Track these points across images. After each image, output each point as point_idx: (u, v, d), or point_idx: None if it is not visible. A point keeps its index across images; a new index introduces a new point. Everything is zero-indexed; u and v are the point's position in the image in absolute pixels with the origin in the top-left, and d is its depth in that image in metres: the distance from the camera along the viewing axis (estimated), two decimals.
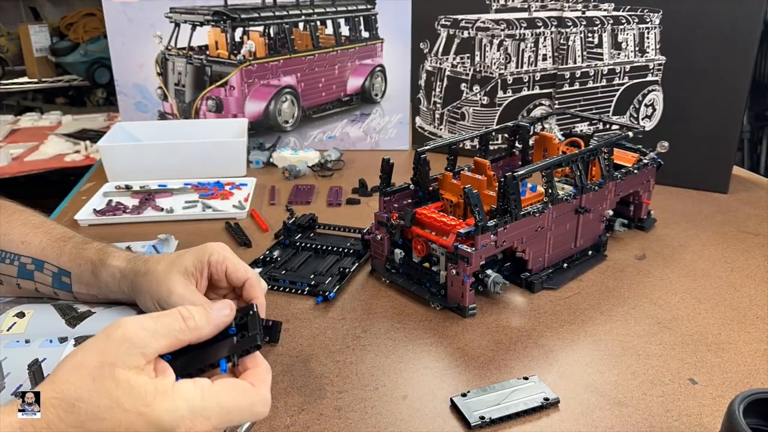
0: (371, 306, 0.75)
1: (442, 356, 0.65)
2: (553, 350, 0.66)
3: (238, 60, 1.30)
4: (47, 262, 0.68)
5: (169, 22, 1.30)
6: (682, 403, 0.58)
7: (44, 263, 0.68)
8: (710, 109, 1.09)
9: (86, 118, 2.46)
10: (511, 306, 0.75)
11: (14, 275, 0.68)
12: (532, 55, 1.22)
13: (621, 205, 0.92)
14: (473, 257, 0.69)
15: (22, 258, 0.68)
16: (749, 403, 0.46)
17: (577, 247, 0.84)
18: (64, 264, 0.67)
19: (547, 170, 0.77)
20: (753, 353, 0.65)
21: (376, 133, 1.41)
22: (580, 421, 0.55)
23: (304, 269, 0.83)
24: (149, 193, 1.09)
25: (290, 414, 0.56)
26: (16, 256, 0.68)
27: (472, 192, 0.69)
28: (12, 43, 2.74)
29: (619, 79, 1.19)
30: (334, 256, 0.86)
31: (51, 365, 0.56)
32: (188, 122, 1.34)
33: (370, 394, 0.59)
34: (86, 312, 0.65)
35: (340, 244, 0.88)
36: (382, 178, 0.81)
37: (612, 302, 0.75)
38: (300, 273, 0.82)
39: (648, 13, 1.13)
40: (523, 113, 1.25)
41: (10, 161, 1.98)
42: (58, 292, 0.68)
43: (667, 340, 0.67)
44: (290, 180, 1.21)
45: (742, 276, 0.82)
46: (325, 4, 1.35)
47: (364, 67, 1.38)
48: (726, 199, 1.09)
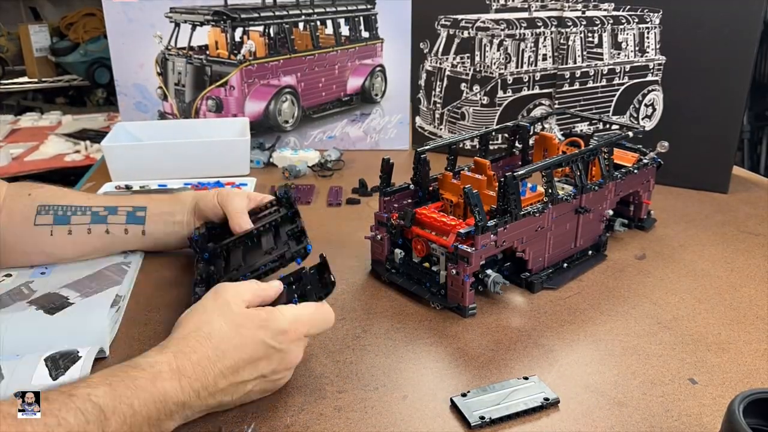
0: (371, 306, 0.75)
1: (442, 356, 0.65)
2: (553, 350, 0.66)
3: (238, 60, 1.30)
4: (121, 206, 0.79)
5: (169, 22, 1.30)
6: (682, 403, 0.58)
7: (117, 207, 0.78)
8: (710, 109, 1.09)
9: (86, 118, 2.46)
10: (511, 306, 0.75)
11: (87, 223, 0.77)
12: (532, 55, 1.22)
13: (621, 205, 0.92)
14: (473, 257, 0.69)
15: (94, 208, 0.78)
16: (749, 403, 0.46)
17: (577, 247, 0.84)
18: (139, 203, 0.80)
19: (547, 170, 0.77)
20: (753, 353, 0.65)
21: (376, 133, 1.41)
22: (580, 421, 0.55)
23: (254, 258, 0.73)
24: (149, 194, 1.09)
25: (290, 414, 0.56)
26: (87, 207, 0.78)
27: (472, 192, 0.69)
28: (12, 43, 2.74)
29: (619, 79, 1.19)
30: (268, 232, 0.77)
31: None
32: (190, 122, 1.34)
33: (370, 394, 0.59)
34: (65, 302, 0.69)
35: (265, 221, 0.78)
36: (382, 178, 0.81)
37: (612, 302, 0.75)
38: (253, 262, 0.72)
39: (648, 13, 1.13)
40: (523, 113, 1.25)
41: (10, 161, 1.98)
42: (129, 228, 0.79)
43: (667, 340, 0.67)
44: (290, 180, 1.21)
45: (742, 276, 0.82)
46: (325, 4, 1.35)
47: (364, 67, 1.38)
48: (726, 199, 1.09)
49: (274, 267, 0.71)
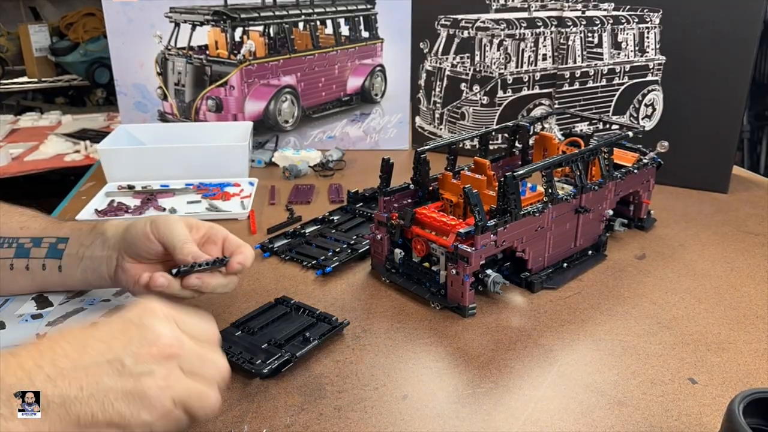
0: (371, 306, 0.75)
1: (442, 356, 0.65)
2: (553, 350, 0.66)
3: (238, 60, 1.30)
4: (46, 237, 0.69)
5: (169, 21, 1.30)
6: (682, 402, 0.58)
7: (43, 238, 0.69)
8: (710, 109, 1.09)
9: (86, 118, 2.46)
10: (511, 306, 0.75)
11: (10, 257, 0.69)
12: (532, 55, 1.22)
13: (621, 205, 0.92)
14: (473, 257, 0.69)
15: (21, 239, 0.70)
16: (749, 403, 0.46)
17: (577, 247, 0.84)
18: (64, 233, 0.70)
19: (547, 170, 0.77)
20: (753, 353, 0.65)
21: (376, 132, 1.41)
22: (580, 421, 0.55)
23: (351, 232, 0.92)
24: (151, 194, 1.09)
25: (290, 414, 0.56)
26: (15, 239, 0.70)
27: (472, 192, 0.69)
28: (12, 43, 2.74)
29: (619, 78, 1.19)
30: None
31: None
32: (191, 125, 1.34)
33: (370, 394, 0.59)
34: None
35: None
36: (382, 178, 0.81)
37: (612, 302, 0.75)
38: (345, 235, 0.91)
39: (648, 12, 1.13)
40: (523, 113, 1.25)
41: (10, 161, 1.98)
42: (47, 262, 0.69)
43: (667, 340, 0.67)
44: (290, 180, 1.21)
45: (742, 276, 0.82)
46: (325, 4, 1.35)
47: (364, 67, 1.38)
48: (726, 199, 1.09)
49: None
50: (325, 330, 0.66)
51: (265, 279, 0.81)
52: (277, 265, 0.85)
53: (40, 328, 0.64)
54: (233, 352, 0.62)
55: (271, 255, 0.88)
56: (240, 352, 0.62)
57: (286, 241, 0.91)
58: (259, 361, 0.61)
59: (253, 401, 0.58)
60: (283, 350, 0.63)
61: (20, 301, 0.70)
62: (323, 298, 0.76)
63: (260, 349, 0.63)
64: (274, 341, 0.64)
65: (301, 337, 0.65)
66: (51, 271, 0.69)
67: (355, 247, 0.87)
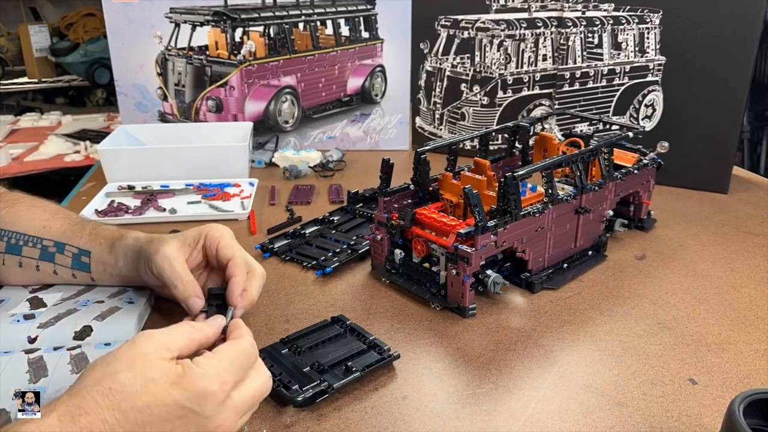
0: (371, 306, 0.75)
1: (442, 356, 0.65)
2: (553, 350, 0.66)
3: (238, 60, 1.30)
4: (68, 244, 0.72)
5: (169, 22, 1.30)
6: (682, 403, 0.58)
7: (65, 245, 0.72)
8: (710, 109, 1.09)
9: (86, 118, 2.46)
10: (511, 306, 0.75)
11: (36, 257, 0.72)
12: (532, 56, 1.22)
13: (621, 205, 0.92)
14: (473, 257, 0.69)
15: (45, 241, 0.72)
16: (749, 403, 0.46)
17: (577, 248, 0.84)
18: (84, 244, 0.72)
19: (547, 170, 0.77)
20: (753, 353, 0.65)
21: (376, 133, 1.41)
22: (580, 421, 0.55)
23: (351, 232, 0.92)
24: (151, 194, 1.09)
25: (290, 414, 0.56)
26: (39, 239, 0.72)
27: (472, 192, 0.69)
28: (12, 43, 2.74)
29: (619, 79, 1.19)
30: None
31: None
32: (191, 125, 1.34)
33: (370, 394, 0.59)
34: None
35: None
36: (382, 178, 0.81)
37: (612, 302, 0.75)
38: (345, 235, 0.91)
39: (648, 13, 1.13)
40: (523, 113, 1.25)
41: (10, 161, 1.98)
42: (76, 273, 0.72)
43: (667, 340, 0.67)
44: (290, 180, 1.21)
45: (742, 276, 0.82)
46: (325, 4, 1.35)
47: (364, 68, 1.38)
48: (726, 199, 1.09)
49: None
50: (372, 361, 0.62)
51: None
52: (277, 265, 0.85)
53: (31, 330, 0.64)
54: (273, 372, 0.59)
55: (271, 255, 0.88)
56: (280, 373, 0.60)
57: (286, 242, 0.91)
58: (295, 386, 0.57)
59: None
60: (322, 377, 0.59)
61: (15, 300, 0.70)
62: (323, 299, 0.76)
63: (301, 372, 0.60)
64: (318, 365, 0.61)
65: (344, 366, 0.61)
66: (82, 280, 0.73)
67: (355, 247, 0.87)
